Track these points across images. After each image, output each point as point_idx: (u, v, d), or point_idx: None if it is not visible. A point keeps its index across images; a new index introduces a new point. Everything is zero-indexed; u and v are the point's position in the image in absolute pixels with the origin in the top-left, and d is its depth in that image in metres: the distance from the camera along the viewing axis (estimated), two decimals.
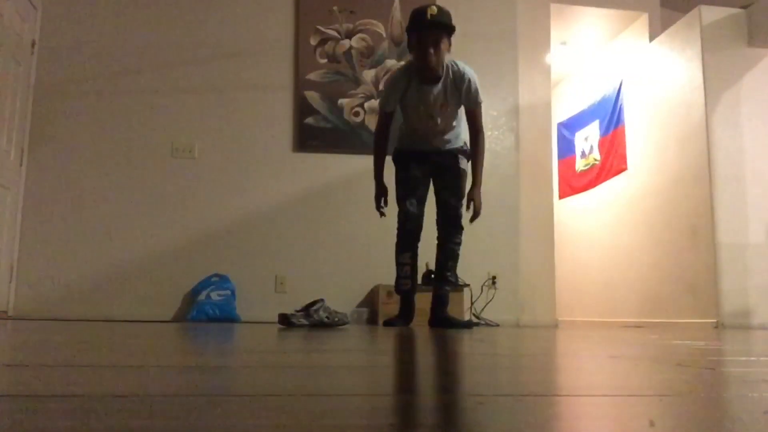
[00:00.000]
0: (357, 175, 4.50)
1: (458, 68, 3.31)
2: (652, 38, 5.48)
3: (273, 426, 0.47)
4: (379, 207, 3.44)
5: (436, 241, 3.45)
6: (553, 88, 6.01)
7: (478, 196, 3.38)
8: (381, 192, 3.45)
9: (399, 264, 3.39)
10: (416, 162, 3.41)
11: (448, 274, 3.43)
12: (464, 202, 3.40)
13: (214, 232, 4.43)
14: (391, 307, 3.91)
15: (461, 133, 3.46)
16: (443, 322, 3.41)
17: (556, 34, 5.60)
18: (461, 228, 3.40)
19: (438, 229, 3.42)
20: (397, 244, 3.38)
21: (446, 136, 3.42)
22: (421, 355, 1.30)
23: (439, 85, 3.30)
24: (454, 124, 3.41)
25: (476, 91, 3.33)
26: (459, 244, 3.41)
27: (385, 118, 3.43)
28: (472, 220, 3.41)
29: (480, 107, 3.39)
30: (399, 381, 0.80)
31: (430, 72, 3.23)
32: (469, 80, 3.30)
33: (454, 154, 3.43)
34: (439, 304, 3.44)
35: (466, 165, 3.44)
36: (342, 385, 0.73)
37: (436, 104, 3.31)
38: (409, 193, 3.37)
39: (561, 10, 5.38)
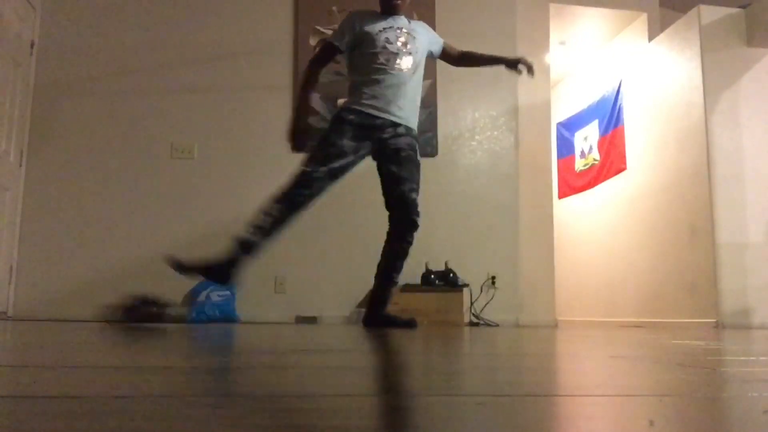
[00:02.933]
0: (357, 175, 4.49)
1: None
2: (651, 38, 5.48)
3: (274, 426, 0.47)
4: (293, 141, 2.98)
5: (386, 237, 3.11)
6: (553, 88, 6.01)
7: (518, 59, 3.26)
8: (298, 127, 2.99)
9: (263, 212, 2.84)
10: (355, 133, 2.97)
11: (395, 273, 3.11)
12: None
13: (214, 232, 4.42)
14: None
15: (416, 119, 3.20)
16: (383, 320, 3.10)
17: (555, 34, 5.60)
18: (417, 227, 3.10)
19: (391, 225, 3.09)
20: (277, 195, 2.86)
21: (409, 105, 3.09)
22: (420, 355, 1.30)
23: (404, 18, 3.18)
24: (418, 97, 3.15)
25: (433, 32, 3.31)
26: (412, 242, 3.11)
27: (326, 51, 3.09)
28: (530, 70, 3.24)
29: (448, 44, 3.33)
30: (399, 381, 0.80)
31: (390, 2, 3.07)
32: (424, 24, 3.29)
33: (412, 134, 3.12)
34: (381, 302, 3.12)
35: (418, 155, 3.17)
36: (342, 385, 0.73)
37: (401, 36, 3.09)
38: (324, 161, 2.90)
39: (560, 10, 5.38)
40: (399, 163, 3.06)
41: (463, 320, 4.19)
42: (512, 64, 3.26)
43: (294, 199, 2.87)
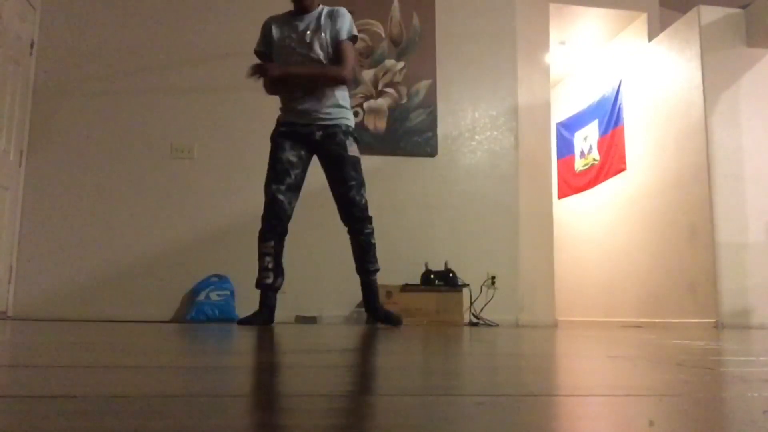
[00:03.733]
0: None
1: (332, 8, 3.25)
2: (651, 38, 5.48)
3: (274, 426, 0.47)
4: (251, 74, 3.12)
5: (348, 234, 3.23)
6: (552, 88, 6.01)
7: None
8: (258, 66, 3.12)
9: (260, 254, 3.10)
10: (292, 142, 3.17)
11: (369, 265, 3.23)
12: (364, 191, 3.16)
13: (214, 232, 4.43)
14: (389, 307, 3.91)
15: (346, 112, 3.22)
16: (377, 313, 3.26)
17: (555, 34, 5.61)
18: (370, 218, 3.20)
19: (344, 223, 3.22)
20: (261, 232, 3.10)
21: (327, 101, 3.15)
22: (420, 355, 1.30)
23: (311, 15, 3.19)
24: (335, 93, 3.17)
25: (351, 23, 3.20)
26: (371, 232, 3.21)
27: (258, 59, 3.27)
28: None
29: (349, 44, 3.16)
30: (398, 381, 0.80)
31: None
32: (341, 11, 3.21)
33: (340, 132, 3.15)
34: (370, 293, 3.26)
35: (356, 151, 3.20)
36: (341, 385, 0.73)
37: (308, 31, 3.14)
38: (278, 180, 3.11)
39: (560, 10, 5.38)
40: (331, 165, 3.18)
41: (463, 320, 4.19)
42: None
43: (275, 228, 3.10)
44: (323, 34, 3.16)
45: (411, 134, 4.65)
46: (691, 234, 4.81)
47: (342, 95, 3.22)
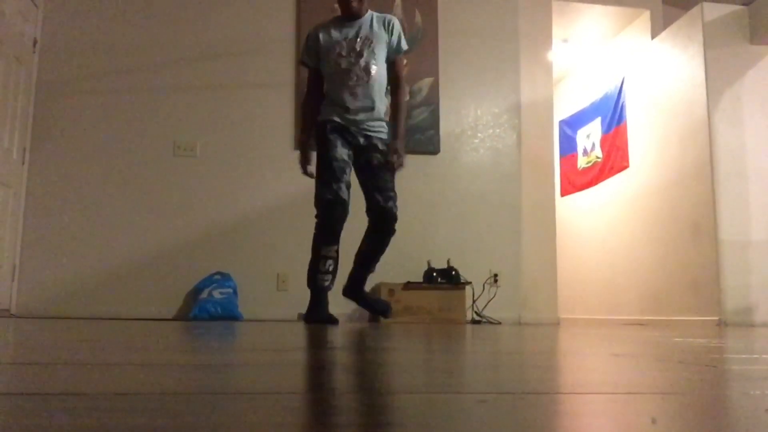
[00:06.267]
0: None
1: (381, 14, 3.22)
2: (654, 35, 5.47)
3: (275, 424, 0.47)
4: (305, 171, 3.18)
5: (366, 235, 3.19)
6: (555, 85, 6.00)
7: (401, 148, 3.12)
8: (306, 159, 3.18)
9: (322, 257, 3.03)
10: (342, 140, 3.09)
11: (373, 264, 3.27)
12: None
13: (216, 230, 4.43)
14: (393, 305, 3.91)
15: (386, 125, 3.20)
16: (359, 296, 3.30)
17: (557, 32, 5.59)
18: (395, 231, 3.17)
19: (371, 228, 3.17)
20: (320, 236, 3.04)
21: (374, 113, 3.11)
22: (422, 352, 1.30)
23: (361, 21, 3.13)
24: (383, 102, 3.16)
25: (401, 34, 3.18)
26: (389, 244, 3.21)
27: (310, 74, 3.23)
28: (396, 169, 3.12)
29: (402, 58, 3.24)
30: (399, 379, 0.80)
31: (349, 4, 3.06)
32: (394, 21, 3.18)
33: (380, 143, 3.13)
34: (360, 281, 3.30)
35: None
36: (343, 383, 0.74)
37: (358, 38, 3.09)
38: (337, 179, 3.02)
39: (562, 8, 5.37)
40: (371, 172, 3.12)
41: (465, 318, 4.19)
42: (392, 151, 3.14)
43: (337, 230, 3.04)
44: (375, 43, 3.11)
45: (413, 132, 4.65)
46: (694, 231, 4.80)
47: (385, 111, 3.21)
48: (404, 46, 3.21)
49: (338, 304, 4.44)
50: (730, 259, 4.54)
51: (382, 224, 3.13)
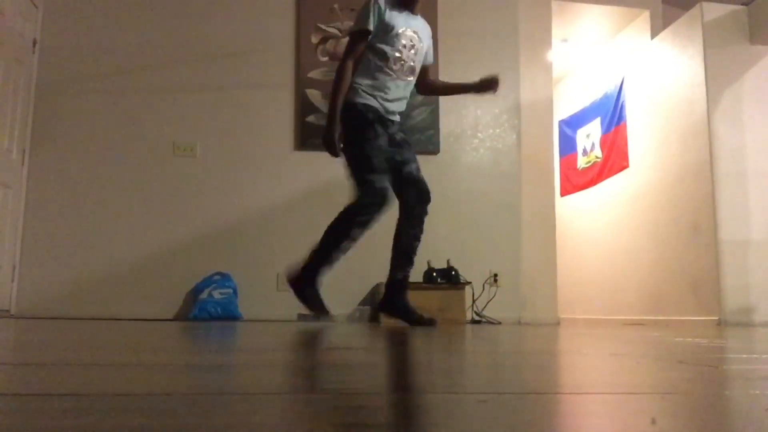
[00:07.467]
0: None
1: (426, 23, 3.22)
2: (653, 35, 5.47)
3: (275, 424, 0.47)
4: (335, 150, 2.95)
5: (403, 222, 3.04)
6: (555, 85, 6.00)
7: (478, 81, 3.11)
8: (334, 134, 2.93)
9: (350, 238, 2.89)
10: (382, 128, 2.97)
11: (413, 255, 3.06)
12: None
13: (216, 230, 4.43)
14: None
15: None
16: (405, 311, 3.06)
17: (557, 31, 5.59)
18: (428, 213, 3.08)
19: (407, 209, 3.02)
20: (360, 220, 2.84)
21: (401, 111, 3.12)
22: (422, 352, 1.30)
23: (419, 19, 3.11)
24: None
25: (431, 46, 3.22)
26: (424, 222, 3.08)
27: (359, 41, 2.95)
28: (484, 89, 3.09)
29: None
30: (400, 379, 0.80)
31: None
32: (431, 33, 3.22)
33: (401, 127, 3.15)
34: (401, 288, 3.06)
35: None
36: (346, 383, 0.74)
37: (416, 37, 3.05)
38: (383, 170, 2.90)
39: (562, 7, 5.37)
40: (400, 148, 3.07)
41: (465, 318, 4.19)
42: (481, 87, 3.11)
43: (377, 218, 2.87)
44: (423, 47, 3.12)
45: (413, 132, 4.65)
46: (694, 231, 4.80)
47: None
48: (432, 58, 3.25)
49: (338, 304, 4.45)
50: (730, 259, 4.54)
51: (419, 197, 3.03)
